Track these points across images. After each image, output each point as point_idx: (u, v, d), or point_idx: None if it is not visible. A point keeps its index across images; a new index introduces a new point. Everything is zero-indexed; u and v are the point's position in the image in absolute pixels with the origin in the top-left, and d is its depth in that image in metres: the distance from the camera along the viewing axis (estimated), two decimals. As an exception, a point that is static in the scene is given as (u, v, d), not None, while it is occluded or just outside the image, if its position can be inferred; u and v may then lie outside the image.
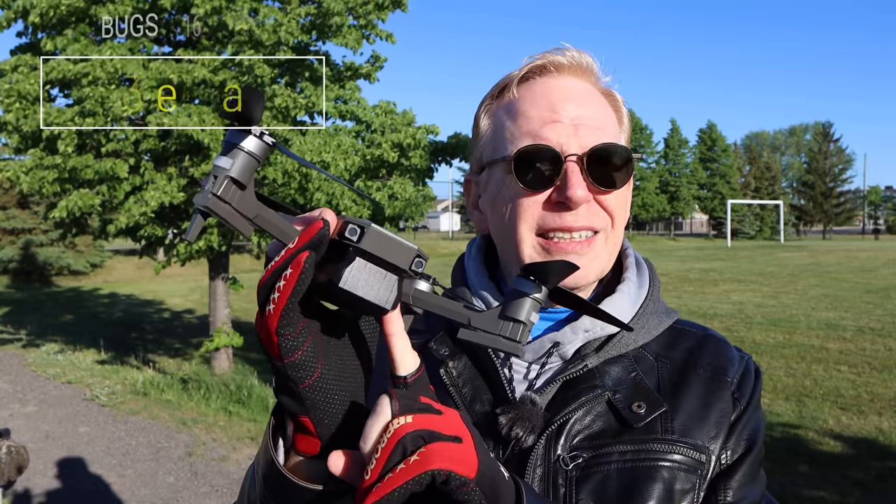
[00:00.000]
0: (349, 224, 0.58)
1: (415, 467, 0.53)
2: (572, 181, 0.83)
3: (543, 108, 0.86)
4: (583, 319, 0.89)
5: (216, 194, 0.57)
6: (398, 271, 0.59)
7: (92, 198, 7.83)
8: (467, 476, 0.54)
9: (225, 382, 8.16)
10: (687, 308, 12.95)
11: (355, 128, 9.05)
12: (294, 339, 0.57)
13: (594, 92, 0.90)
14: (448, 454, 0.54)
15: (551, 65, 0.89)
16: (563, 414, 0.84)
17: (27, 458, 3.14)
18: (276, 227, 0.59)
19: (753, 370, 0.94)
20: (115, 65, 7.52)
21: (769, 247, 35.00)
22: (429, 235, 51.17)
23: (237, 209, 0.58)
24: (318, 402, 0.60)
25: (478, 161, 0.95)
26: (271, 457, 0.64)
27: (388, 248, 0.58)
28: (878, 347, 9.30)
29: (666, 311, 0.96)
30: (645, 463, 0.82)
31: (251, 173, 0.58)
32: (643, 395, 0.87)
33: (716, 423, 0.87)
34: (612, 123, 0.90)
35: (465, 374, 0.90)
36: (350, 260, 0.58)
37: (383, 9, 8.31)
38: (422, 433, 0.55)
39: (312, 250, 0.55)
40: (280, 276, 0.55)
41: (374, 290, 0.58)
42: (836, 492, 4.99)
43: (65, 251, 23.09)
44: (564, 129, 0.84)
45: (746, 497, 0.85)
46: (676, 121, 61.92)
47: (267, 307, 0.56)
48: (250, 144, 0.58)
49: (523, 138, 0.86)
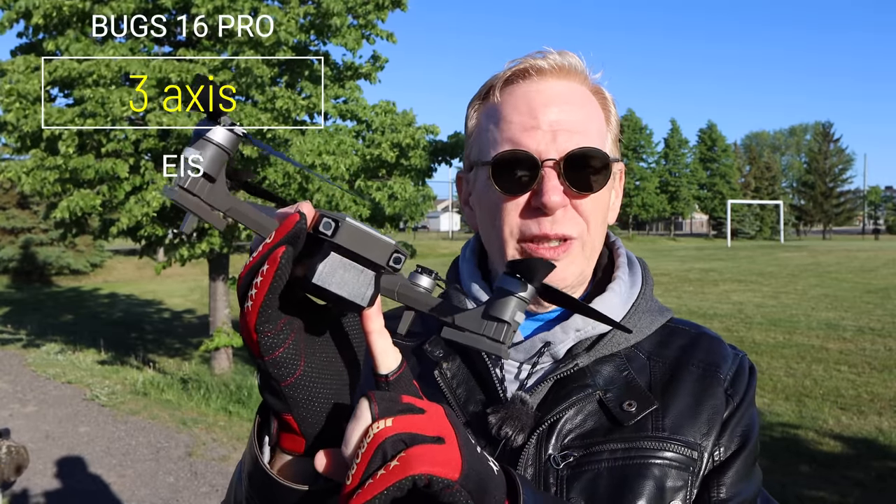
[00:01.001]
0: (324, 218, 0.56)
1: (395, 472, 0.52)
2: (547, 187, 0.83)
3: (524, 113, 0.86)
4: (574, 319, 0.89)
5: (183, 187, 0.56)
6: (375, 267, 0.57)
7: (93, 198, 7.83)
8: (450, 478, 0.54)
9: (225, 382, 8.16)
10: (687, 308, 12.96)
11: (355, 128, 9.05)
12: (274, 336, 0.56)
13: (578, 92, 0.90)
14: (429, 457, 0.53)
15: (532, 68, 0.89)
16: (554, 413, 0.85)
17: (27, 458, 3.14)
18: (252, 221, 0.58)
19: (747, 367, 0.94)
20: (118, 65, 7.53)
21: (769, 247, 35.00)
22: (429, 235, 51.17)
23: (206, 201, 0.57)
24: (301, 400, 0.59)
25: (468, 159, 0.96)
26: (256, 455, 0.63)
27: (365, 243, 0.56)
28: (878, 347, 9.30)
29: (659, 309, 0.96)
30: (636, 461, 0.82)
31: (220, 165, 0.57)
32: (634, 394, 0.87)
33: (708, 420, 0.87)
34: (596, 125, 0.90)
35: (458, 376, 0.90)
36: (324, 255, 0.56)
37: (383, 9, 8.32)
38: (402, 437, 0.54)
39: (289, 245, 0.54)
40: (257, 272, 0.55)
41: (348, 286, 0.56)
42: (836, 492, 4.99)
43: (65, 251, 23.08)
44: (543, 135, 0.85)
45: (740, 494, 0.85)
46: (676, 121, 61.96)
47: (245, 304, 0.55)
48: (218, 136, 0.57)
49: (504, 143, 0.87)
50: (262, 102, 7.81)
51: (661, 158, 51.96)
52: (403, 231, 44.23)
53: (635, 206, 49.40)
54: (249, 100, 8.22)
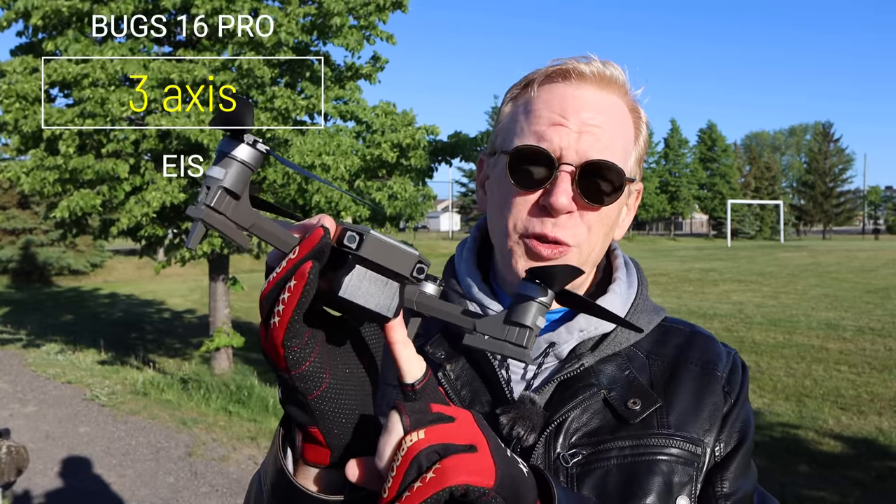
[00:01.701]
0: (348, 231, 0.56)
1: (432, 485, 0.53)
2: (559, 189, 0.84)
3: (555, 111, 0.87)
4: (577, 319, 0.90)
5: (210, 205, 0.56)
6: (399, 278, 0.58)
7: (93, 198, 7.84)
8: (486, 486, 0.54)
9: (225, 382, 8.16)
10: (687, 308, 12.96)
11: (355, 128, 9.05)
12: (300, 350, 0.56)
13: (615, 105, 0.90)
14: (464, 467, 0.54)
15: (574, 72, 0.89)
16: (561, 413, 0.86)
17: (27, 458, 3.14)
18: (274, 237, 0.58)
19: (740, 365, 0.96)
20: (116, 65, 7.53)
21: (769, 247, 35.01)
22: (429, 235, 51.16)
23: (232, 219, 0.57)
24: (328, 413, 0.60)
25: (492, 143, 0.97)
26: (281, 466, 0.64)
27: (389, 255, 0.56)
28: (878, 347, 9.30)
29: (654, 309, 0.98)
30: (644, 457, 0.84)
31: (245, 183, 0.57)
32: (637, 392, 0.88)
33: (709, 417, 0.89)
34: (622, 141, 0.89)
35: (463, 377, 0.91)
36: (350, 268, 0.56)
37: (384, 10, 8.32)
38: (436, 448, 0.55)
39: (315, 260, 0.54)
40: (283, 287, 0.55)
41: (374, 298, 0.57)
42: (836, 492, 5.00)
43: (65, 251, 23.09)
44: (569, 134, 0.85)
45: (741, 489, 0.87)
46: (676, 121, 61.81)
47: (271, 320, 0.55)
48: (243, 153, 0.57)
49: (528, 136, 0.87)
50: (261, 102, 7.81)
51: (661, 158, 51.95)
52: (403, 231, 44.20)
53: (635, 206, 49.36)
54: (249, 100, 8.21)
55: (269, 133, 7.91)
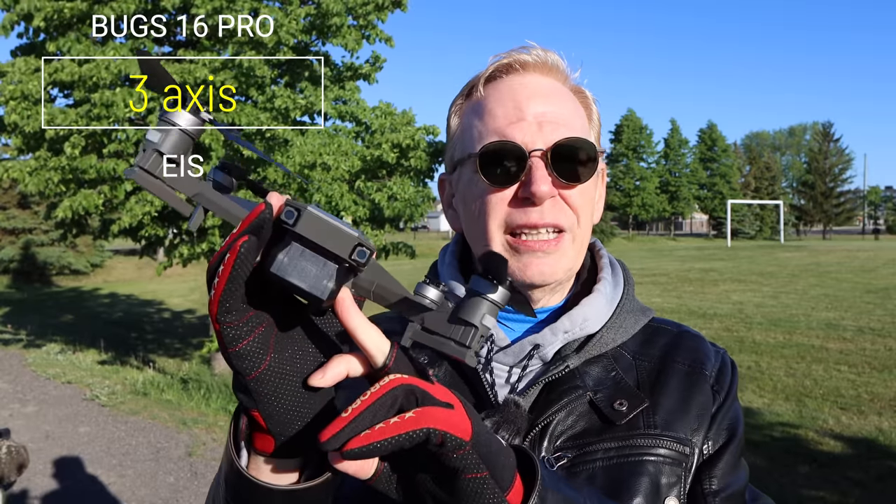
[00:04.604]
0: (287, 206, 0.54)
1: (411, 423, 0.52)
2: (536, 176, 0.83)
3: (509, 106, 0.87)
4: (562, 321, 0.89)
5: (143, 167, 0.56)
6: (338, 260, 0.54)
7: (95, 198, 7.85)
8: (463, 438, 0.53)
9: (225, 382, 8.16)
10: (687, 308, 12.96)
11: (355, 129, 9.06)
12: (237, 327, 0.54)
13: (561, 89, 0.91)
14: (444, 418, 0.53)
15: (517, 63, 0.90)
16: (546, 416, 0.85)
17: (27, 457, 3.14)
18: (221, 209, 0.57)
19: (729, 363, 0.96)
20: (118, 66, 7.53)
21: (769, 247, 35.01)
22: (429, 235, 51.15)
23: (167, 183, 0.56)
24: (266, 395, 0.57)
25: (450, 160, 0.96)
26: (231, 455, 0.62)
27: (326, 234, 0.53)
28: (878, 347, 9.30)
29: (641, 309, 0.97)
30: (630, 459, 0.83)
31: (184, 149, 0.57)
32: (624, 393, 0.87)
33: (697, 416, 0.88)
34: (580, 120, 0.90)
35: (446, 381, 0.89)
36: (286, 244, 0.54)
37: (383, 9, 8.32)
38: (416, 391, 0.54)
39: (252, 234, 0.52)
40: (220, 262, 0.53)
41: (309, 278, 0.53)
42: (836, 492, 4.99)
43: (65, 251, 23.10)
44: (529, 126, 0.85)
45: (731, 485, 0.86)
46: (676, 121, 61.94)
47: (209, 294, 0.54)
48: (182, 120, 0.56)
49: (490, 136, 0.87)
50: (261, 102, 7.82)
51: (661, 158, 51.97)
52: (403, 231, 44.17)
53: (635, 206, 49.40)
54: (249, 100, 8.22)
55: (269, 133, 7.91)
